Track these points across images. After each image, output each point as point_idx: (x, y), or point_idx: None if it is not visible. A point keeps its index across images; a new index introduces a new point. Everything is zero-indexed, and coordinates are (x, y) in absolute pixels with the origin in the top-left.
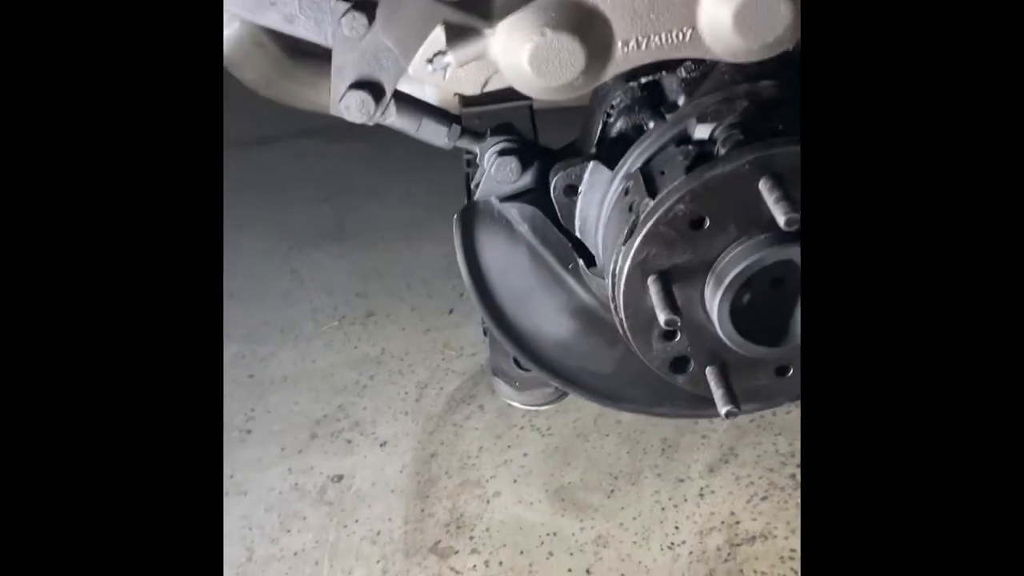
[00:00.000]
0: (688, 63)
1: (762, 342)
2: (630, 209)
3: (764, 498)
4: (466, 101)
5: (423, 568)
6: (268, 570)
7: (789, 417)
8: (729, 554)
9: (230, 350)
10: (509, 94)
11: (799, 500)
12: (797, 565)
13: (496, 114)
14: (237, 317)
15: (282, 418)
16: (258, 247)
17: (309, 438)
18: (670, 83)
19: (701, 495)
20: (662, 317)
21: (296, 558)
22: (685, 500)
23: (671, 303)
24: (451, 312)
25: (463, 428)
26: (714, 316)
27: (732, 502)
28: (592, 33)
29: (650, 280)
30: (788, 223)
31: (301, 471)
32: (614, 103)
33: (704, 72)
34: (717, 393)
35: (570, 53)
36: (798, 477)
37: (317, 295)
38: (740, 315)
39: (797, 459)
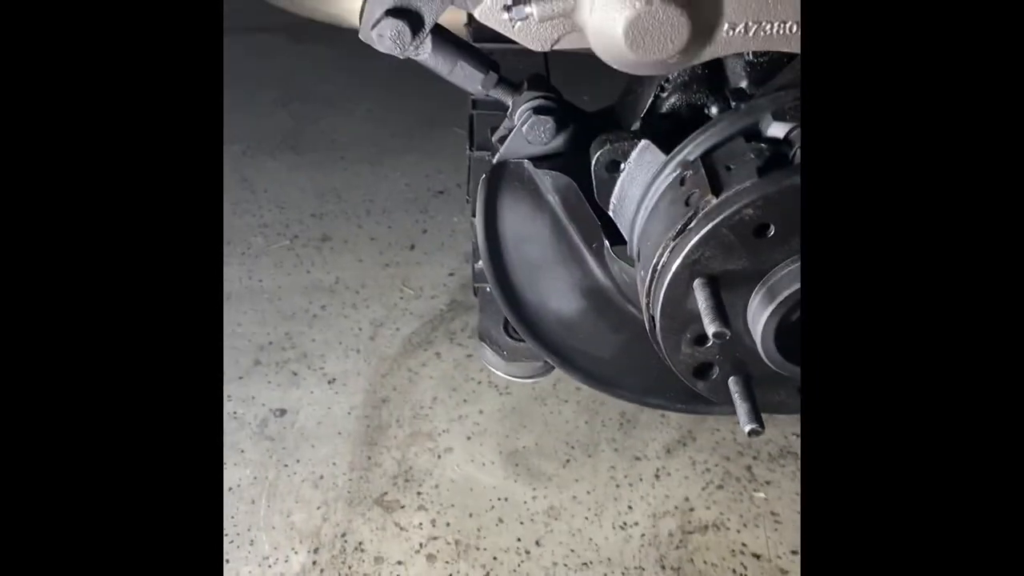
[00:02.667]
0: None
1: (799, 362)
2: (687, 202)
3: (719, 487)
4: (476, 34)
5: (366, 520)
6: None
7: None
8: (681, 541)
9: None
10: None
11: (753, 494)
12: (747, 560)
13: (503, 53)
14: None
15: (224, 340)
16: None
17: (252, 364)
18: (734, 65)
19: (657, 476)
20: (712, 329)
21: (231, 494)
22: (641, 479)
23: (722, 315)
24: (412, 248)
25: (418, 375)
26: (757, 331)
27: (687, 487)
28: (702, 9)
29: (698, 283)
30: None
31: (241, 400)
32: (670, 76)
33: (773, 59)
34: (742, 408)
35: (673, 28)
36: (755, 470)
37: (269, 209)
38: (781, 332)
39: (754, 450)
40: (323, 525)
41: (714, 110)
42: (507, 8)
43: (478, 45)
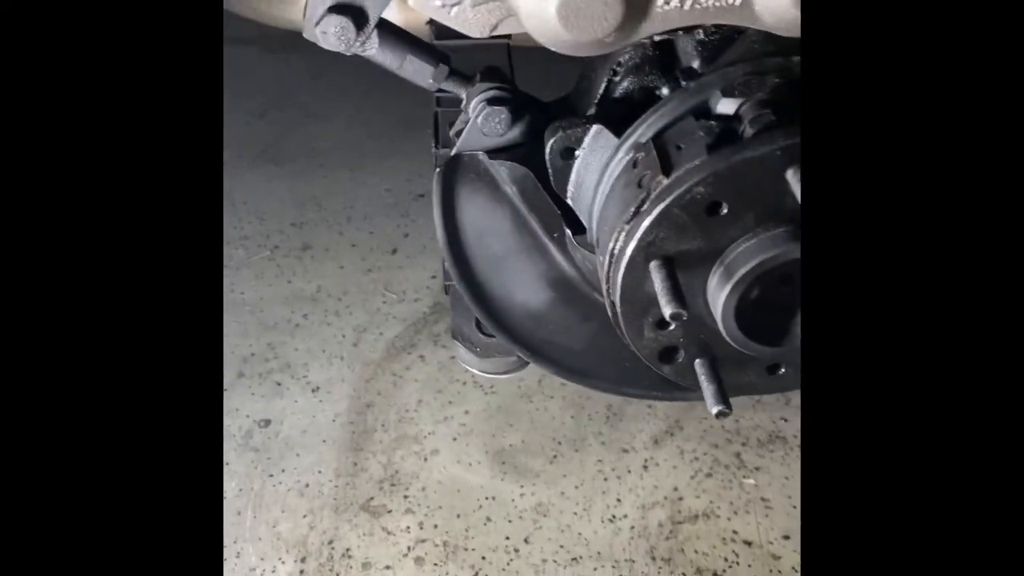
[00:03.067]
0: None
1: (762, 341)
2: (639, 184)
3: (708, 475)
4: (439, 32)
5: (353, 526)
6: None
7: None
8: (671, 531)
9: None
10: None
11: (743, 481)
12: (739, 547)
13: (470, 49)
14: None
15: None
16: None
17: (235, 376)
18: (685, 45)
19: (645, 467)
20: (668, 310)
21: None
22: (629, 471)
23: (678, 295)
24: (394, 252)
25: (402, 379)
26: (717, 310)
27: (676, 477)
28: None
29: (654, 265)
30: None
31: (225, 412)
32: (621, 60)
33: (724, 37)
34: (708, 390)
35: (607, 6)
36: (744, 456)
37: (249, 220)
38: (742, 311)
39: (743, 436)
40: (310, 533)
41: (666, 91)
42: None
43: (439, 43)
